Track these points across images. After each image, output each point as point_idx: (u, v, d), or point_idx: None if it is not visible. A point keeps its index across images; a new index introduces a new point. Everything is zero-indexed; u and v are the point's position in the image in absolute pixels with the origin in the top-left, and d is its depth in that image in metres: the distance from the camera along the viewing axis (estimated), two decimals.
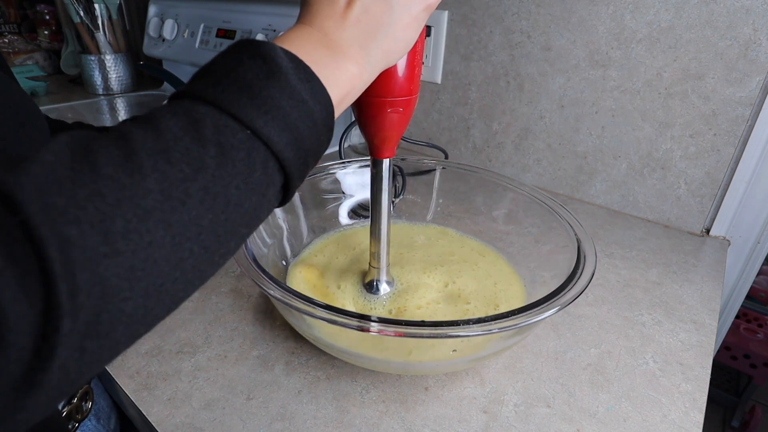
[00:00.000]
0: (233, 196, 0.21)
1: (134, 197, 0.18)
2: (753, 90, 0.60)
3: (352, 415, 0.40)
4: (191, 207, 0.20)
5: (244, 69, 0.22)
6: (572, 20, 0.70)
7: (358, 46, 0.27)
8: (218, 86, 0.22)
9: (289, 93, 0.23)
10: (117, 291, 0.17)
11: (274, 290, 0.37)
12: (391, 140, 0.37)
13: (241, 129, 0.21)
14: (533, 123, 0.79)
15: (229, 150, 0.21)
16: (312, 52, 0.25)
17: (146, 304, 0.19)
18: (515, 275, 0.52)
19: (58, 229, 0.16)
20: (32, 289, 0.16)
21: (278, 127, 0.22)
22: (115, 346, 0.19)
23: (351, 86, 0.27)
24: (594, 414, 0.41)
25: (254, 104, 0.22)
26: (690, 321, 0.52)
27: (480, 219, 0.59)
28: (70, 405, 0.42)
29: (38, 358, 0.16)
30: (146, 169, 0.19)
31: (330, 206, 0.61)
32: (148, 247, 0.18)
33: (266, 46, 0.23)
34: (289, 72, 0.23)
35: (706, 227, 0.70)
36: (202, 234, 0.20)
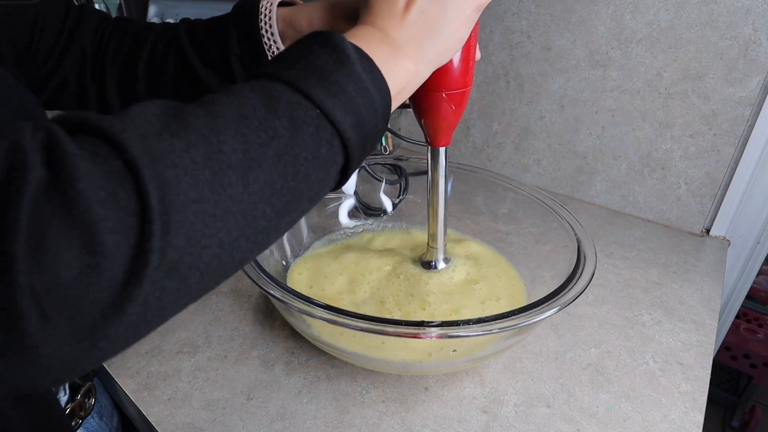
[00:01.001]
0: (302, 167, 0.23)
1: (220, 153, 0.20)
2: (753, 90, 0.60)
3: (352, 415, 0.40)
4: (266, 170, 0.21)
5: (315, 56, 0.25)
6: (572, 20, 0.70)
7: (415, 45, 0.29)
8: (293, 69, 0.24)
9: (355, 80, 0.25)
10: (199, 237, 0.19)
11: (274, 290, 0.37)
12: (447, 129, 0.39)
13: (312, 107, 0.23)
14: (533, 123, 0.79)
15: (300, 124, 0.23)
16: (374, 48, 0.27)
17: (220, 255, 0.20)
18: (516, 275, 0.52)
19: (158, 170, 0.18)
20: (130, 222, 0.17)
21: (344, 109, 0.24)
22: (186, 294, 0.20)
23: (407, 82, 0.29)
24: (594, 414, 0.41)
25: (324, 86, 0.24)
26: (690, 321, 0.52)
27: (480, 219, 0.59)
28: (74, 402, 0.42)
29: (127, 287, 0.17)
30: (230, 131, 0.21)
31: (330, 206, 0.61)
32: (228, 199, 0.20)
33: (336, 37, 0.25)
34: (355, 62, 0.25)
35: (706, 227, 0.70)
36: (274, 197, 0.22)
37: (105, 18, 0.44)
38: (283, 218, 0.23)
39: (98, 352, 0.19)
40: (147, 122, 0.19)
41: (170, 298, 0.19)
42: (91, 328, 0.17)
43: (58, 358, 0.17)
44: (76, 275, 0.16)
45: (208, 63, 0.41)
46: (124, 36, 0.43)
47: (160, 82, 0.42)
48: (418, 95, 0.36)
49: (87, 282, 0.16)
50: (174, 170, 0.18)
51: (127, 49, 0.42)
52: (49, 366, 0.17)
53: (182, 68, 0.41)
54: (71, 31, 0.41)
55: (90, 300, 0.17)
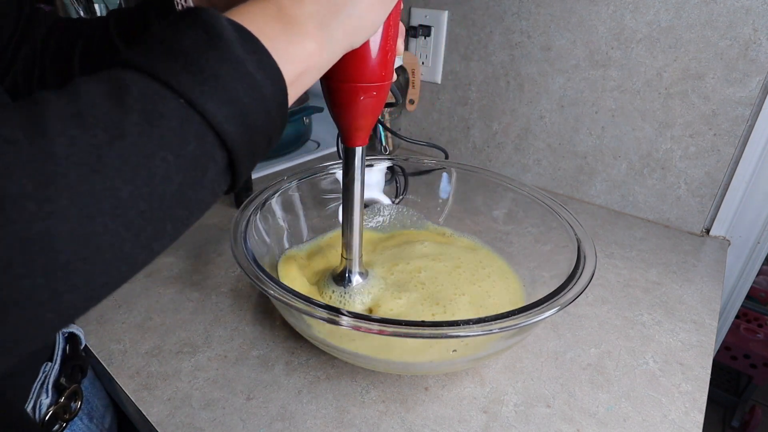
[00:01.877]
0: (159, 169, 0.19)
1: (33, 162, 0.16)
2: (753, 90, 0.60)
3: (352, 415, 0.40)
4: (105, 176, 0.17)
5: (181, 37, 0.21)
6: (572, 20, 0.70)
7: (317, 23, 0.25)
8: (150, 53, 0.20)
9: (231, 64, 0.21)
10: (7, 264, 0.15)
11: (274, 290, 0.37)
12: (364, 128, 0.36)
13: (173, 97, 0.20)
14: (533, 123, 0.79)
15: (156, 118, 0.19)
16: (263, 26, 0.23)
17: (49, 284, 0.17)
18: (513, 275, 0.52)
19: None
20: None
21: (217, 98, 0.20)
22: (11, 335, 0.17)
23: (308, 64, 0.25)
24: (594, 414, 0.41)
25: (189, 72, 0.20)
26: (690, 321, 0.52)
27: (480, 219, 0.59)
28: (57, 405, 0.42)
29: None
30: (52, 133, 0.17)
31: (330, 206, 0.61)
32: (47, 217, 0.16)
33: (207, 13, 0.22)
34: (232, 42, 0.21)
35: (706, 227, 0.70)
36: (119, 208, 0.18)
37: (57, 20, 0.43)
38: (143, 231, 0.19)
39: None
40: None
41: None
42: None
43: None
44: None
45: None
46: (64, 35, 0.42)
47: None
48: (331, 87, 0.33)
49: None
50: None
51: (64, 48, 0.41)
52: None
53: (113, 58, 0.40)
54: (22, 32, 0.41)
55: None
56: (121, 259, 0.19)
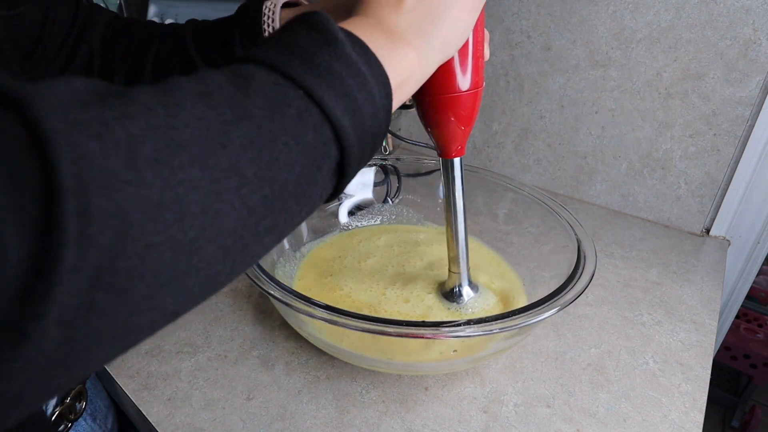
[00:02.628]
0: (282, 154, 0.19)
1: (168, 128, 0.16)
2: (753, 90, 0.60)
3: (352, 415, 0.40)
4: (232, 152, 0.17)
5: (296, 36, 0.22)
6: (572, 20, 0.70)
7: (415, 33, 0.26)
8: (269, 50, 0.21)
9: (345, 61, 0.21)
10: (139, 231, 0.14)
11: (274, 290, 0.37)
12: (461, 137, 0.35)
13: (293, 87, 0.20)
14: (533, 123, 0.79)
15: (278, 104, 0.19)
16: (368, 34, 0.23)
17: (175, 262, 0.16)
18: (514, 275, 0.52)
19: (75, 139, 0.14)
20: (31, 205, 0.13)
21: (334, 92, 0.20)
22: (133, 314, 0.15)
23: (410, 73, 0.25)
24: (594, 414, 0.41)
25: (308, 66, 0.20)
26: (690, 321, 0.52)
27: (480, 219, 0.59)
28: (62, 405, 0.42)
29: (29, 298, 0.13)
30: (185, 105, 0.17)
31: (330, 206, 0.61)
32: (179, 185, 0.16)
33: (322, 17, 0.22)
34: (345, 42, 0.22)
35: (706, 227, 0.70)
36: (244, 188, 0.18)
37: (114, 18, 0.44)
38: (262, 220, 0.19)
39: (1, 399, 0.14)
40: (74, 90, 0.15)
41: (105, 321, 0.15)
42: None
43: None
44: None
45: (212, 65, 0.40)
46: (132, 37, 0.43)
47: None
48: (425, 100, 0.33)
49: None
50: (99, 142, 0.14)
51: (135, 51, 0.42)
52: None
53: (187, 70, 0.41)
54: (80, 30, 0.41)
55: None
56: (239, 247, 0.19)
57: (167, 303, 0.17)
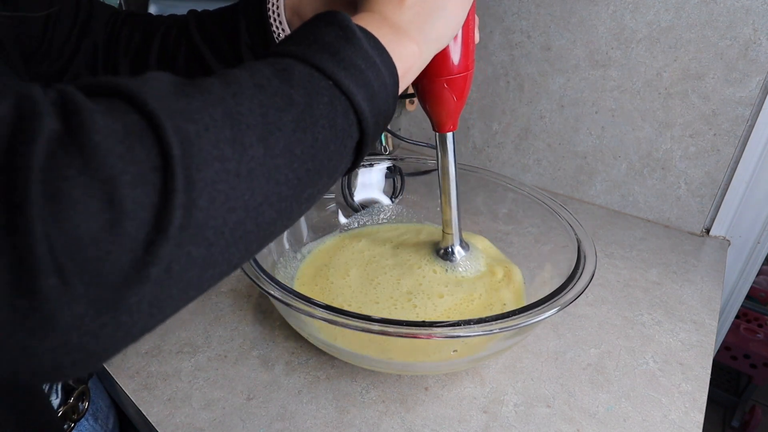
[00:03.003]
0: (320, 135, 0.23)
1: (238, 114, 0.20)
2: (753, 90, 0.60)
3: (352, 415, 0.40)
4: (286, 134, 0.21)
5: (322, 33, 0.25)
6: (572, 20, 0.70)
7: (416, 27, 0.29)
8: (301, 45, 0.24)
9: (363, 55, 0.25)
10: (224, 198, 0.18)
11: (274, 290, 0.37)
12: (453, 114, 0.40)
13: (324, 78, 0.23)
14: (533, 123, 0.79)
15: (315, 94, 0.23)
16: (377, 31, 0.27)
17: (245, 221, 0.20)
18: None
19: (179, 124, 0.17)
20: (152, 177, 0.16)
21: (356, 82, 0.24)
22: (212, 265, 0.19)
23: (412, 63, 0.29)
24: (594, 414, 0.41)
25: (335, 60, 0.24)
26: (690, 321, 0.52)
27: (480, 219, 0.59)
28: (66, 405, 0.42)
29: (150, 248, 0.16)
30: (246, 95, 0.20)
31: (330, 206, 0.61)
32: (250, 160, 0.19)
33: (342, 15, 0.26)
34: (362, 38, 0.25)
35: (706, 227, 0.70)
36: (295, 162, 0.21)
37: (115, 12, 0.44)
38: (305, 188, 0.23)
39: (119, 328, 0.17)
40: (162, 84, 0.19)
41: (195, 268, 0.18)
42: (113, 294, 0.16)
43: (77, 330, 0.16)
44: (95, 231, 0.15)
45: (218, 53, 0.41)
46: (135, 29, 0.43)
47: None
48: (421, 82, 0.37)
49: (108, 240, 0.15)
50: (194, 125, 0.18)
51: (138, 42, 0.43)
52: (68, 340, 0.16)
53: (193, 60, 0.41)
54: (83, 26, 0.42)
55: (111, 260, 0.16)
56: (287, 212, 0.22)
57: (234, 257, 0.20)
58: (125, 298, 0.17)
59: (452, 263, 0.49)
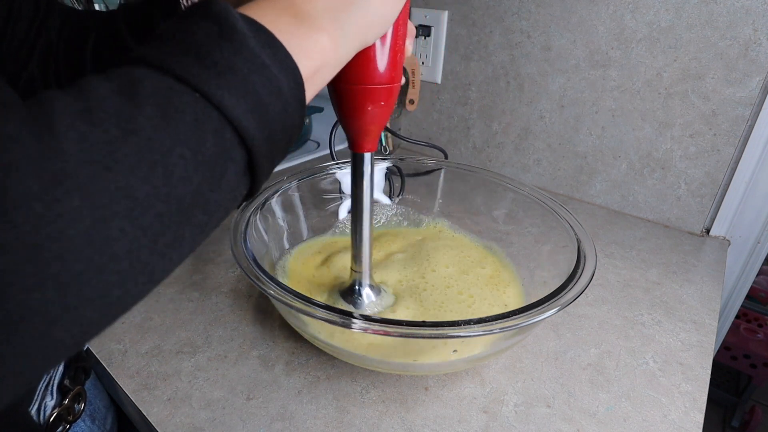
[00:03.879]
0: (177, 167, 0.18)
1: (39, 160, 0.15)
2: (753, 90, 0.60)
3: (352, 415, 0.40)
4: (119, 174, 0.16)
5: (193, 30, 0.20)
6: (572, 20, 0.70)
7: (329, 18, 0.24)
8: (162, 48, 0.19)
9: (247, 56, 0.20)
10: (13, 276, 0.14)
11: (274, 290, 0.37)
12: (372, 133, 0.35)
13: (188, 91, 0.19)
14: (533, 123, 0.79)
15: (171, 112, 0.18)
16: (275, 20, 0.22)
17: (61, 298, 0.15)
18: (514, 275, 0.52)
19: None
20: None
21: (234, 91, 0.19)
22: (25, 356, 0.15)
23: (323, 60, 0.24)
24: (594, 414, 0.41)
25: (203, 65, 0.19)
26: (690, 321, 0.52)
27: (480, 219, 0.59)
28: (61, 407, 0.42)
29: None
30: (59, 129, 0.16)
31: (330, 206, 0.61)
32: (56, 220, 0.15)
33: (220, 6, 0.21)
34: (246, 34, 0.20)
35: (706, 227, 0.70)
36: (136, 210, 0.17)
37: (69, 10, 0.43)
38: (161, 237, 0.18)
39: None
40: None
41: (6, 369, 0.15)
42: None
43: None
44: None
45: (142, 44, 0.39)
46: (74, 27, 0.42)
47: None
48: (339, 89, 0.32)
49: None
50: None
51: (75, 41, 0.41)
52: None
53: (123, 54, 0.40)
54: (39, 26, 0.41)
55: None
56: (138, 268, 0.18)
57: (64, 338, 0.16)
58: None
59: (357, 307, 0.43)
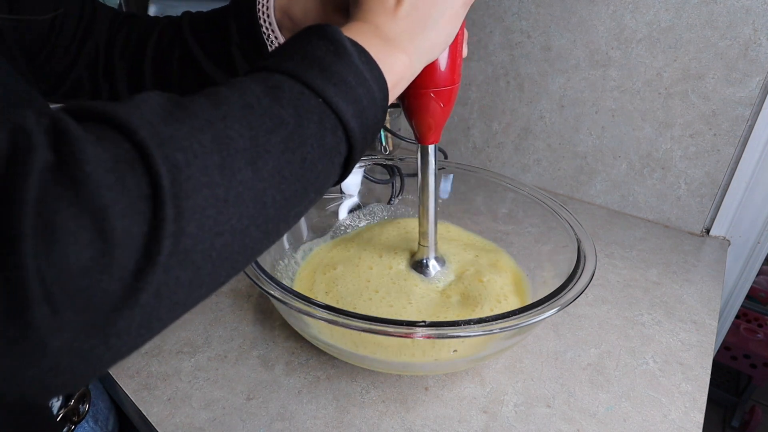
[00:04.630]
0: (309, 155, 0.23)
1: (227, 138, 0.20)
2: (753, 90, 0.60)
3: (352, 415, 0.40)
4: (275, 156, 0.21)
5: (313, 47, 0.25)
6: (572, 20, 0.70)
7: (407, 39, 0.29)
8: (291, 60, 0.24)
9: (354, 71, 0.25)
10: (212, 223, 0.19)
11: (274, 290, 0.37)
12: (436, 127, 0.40)
13: (314, 96, 0.23)
14: (533, 123, 0.79)
15: (304, 113, 0.23)
16: (368, 42, 0.27)
17: (232, 243, 0.20)
18: (520, 273, 0.52)
19: (168, 153, 0.18)
20: (142, 207, 0.17)
21: (346, 99, 0.24)
22: (199, 285, 0.20)
23: (402, 75, 0.29)
24: (594, 414, 0.41)
25: (325, 76, 0.24)
26: (690, 321, 0.52)
27: (480, 219, 0.59)
28: (67, 407, 0.42)
29: (140, 276, 0.17)
30: (235, 117, 0.21)
31: (330, 206, 0.61)
32: (239, 185, 0.20)
33: (332, 29, 0.26)
34: (353, 53, 0.25)
35: (706, 227, 0.70)
36: (283, 183, 0.22)
37: (117, 14, 0.44)
38: (292, 207, 0.23)
39: (109, 350, 0.18)
40: (152, 109, 0.19)
41: (183, 291, 0.19)
42: (102, 320, 0.17)
43: (68, 354, 0.16)
44: (86, 262, 0.16)
45: (211, 55, 0.41)
46: (131, 32, 0.43)
47: (166, 77, 0.42)
48: (407, 94, 0.37)
49: (98, 269, 0.16)
50: (183, 154, 0.18)
51: (134, 45, 0.43)
52: (58, 364, 0.17)
53: (187, 61, 0.41)
54: (86, 29, 0.42)
55: (101, 289, 0.16)
56: (275, 230, 0.23)
57: (221, 276, 0.21)
58: (115, 323, 0.17)
59: (426, 276, 0.49)
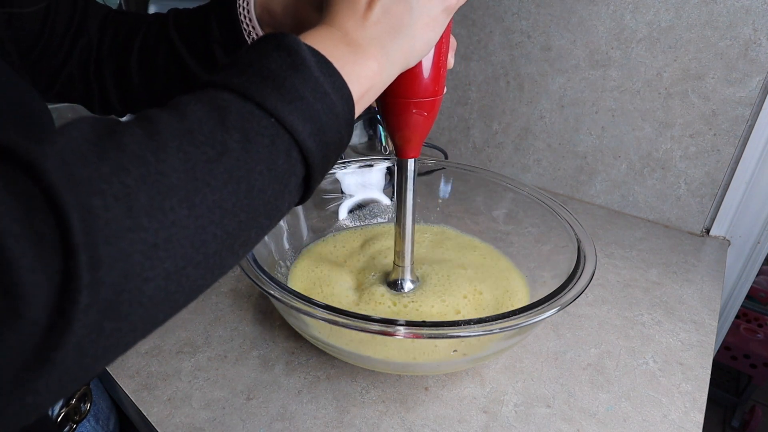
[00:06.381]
0: (257, 182, 0.21)
1: (158, 174, 0.18)
2: (753, 90, 0.60)
3: (352, 415, 0.40)
4: (215, 189, 0.20)
5: (268, 60, 0.23)
6: (572, 20, 0.70)
7: (378, 45, 0.27)
8: (243, 76, 0.22)
9: (312, 85, 0.23)
10: (139, 269, 0.17)
11: (274, 290, 0.37)
12: (416, 141, 0.38)
13: (266, 116, 0.22)
14: (533, 123, 0.79)
15: (253, 136, 0.21)
16: (333, 49, 0.25)
17: (167, 287, 0.18)
18: (519, 274, 0.52)
19: (81, 198, 0.16)
20: (51, 259, 0.15)
21: (302, 116, 0.23)
22: (132, 331, 0.18)
23: (371, 83, 0.27)
24: (594, 414, 0.41)
25: (279, 93, 0.22)
26: (690, 321, 0.52)
27: (480, 219, 0.59)
28: (68, 406, 0.42)
29: (52, 333, 0.15)
30: (171, 149, 0.19)
31: (330, 206, 0.61)
32: (171, 226, 0.18)
33: (290, 38, 0.24)
34: (312, 65, 0.24)
35: (706, 227, 0.70)
36: (225, 218, 0.20)
37: (108, 11, 0.44)
38: (237, 239, 0.21)
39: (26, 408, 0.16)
40: (72, 145, 0.17)
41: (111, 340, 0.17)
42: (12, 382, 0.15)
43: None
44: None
45: (194, 51, 0.41)
46: (119, 29, 0.43)
47: (151, 74, 0.42)
48: (386, 103, 0.35)
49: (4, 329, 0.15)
50: (101, 198, 0.16)
51: (121, 42, 0.43)
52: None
53: (171, 58, 0.41)
54: (78, 24, 0.42)
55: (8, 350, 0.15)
56: (219, 265, 0.21)
57: (159, 317, 0.20)
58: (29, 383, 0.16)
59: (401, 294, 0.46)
